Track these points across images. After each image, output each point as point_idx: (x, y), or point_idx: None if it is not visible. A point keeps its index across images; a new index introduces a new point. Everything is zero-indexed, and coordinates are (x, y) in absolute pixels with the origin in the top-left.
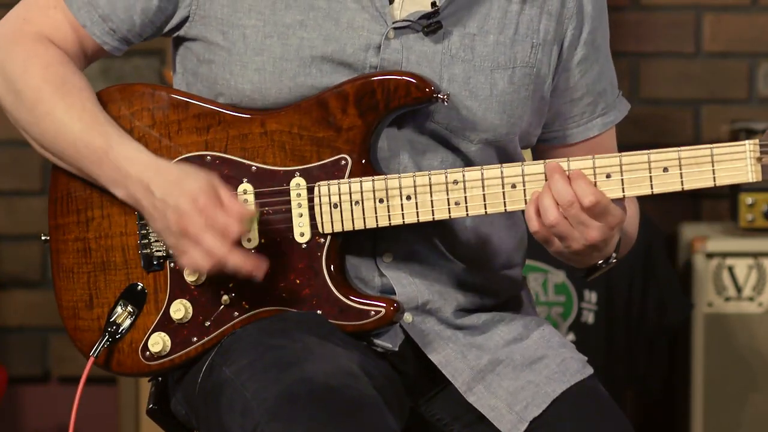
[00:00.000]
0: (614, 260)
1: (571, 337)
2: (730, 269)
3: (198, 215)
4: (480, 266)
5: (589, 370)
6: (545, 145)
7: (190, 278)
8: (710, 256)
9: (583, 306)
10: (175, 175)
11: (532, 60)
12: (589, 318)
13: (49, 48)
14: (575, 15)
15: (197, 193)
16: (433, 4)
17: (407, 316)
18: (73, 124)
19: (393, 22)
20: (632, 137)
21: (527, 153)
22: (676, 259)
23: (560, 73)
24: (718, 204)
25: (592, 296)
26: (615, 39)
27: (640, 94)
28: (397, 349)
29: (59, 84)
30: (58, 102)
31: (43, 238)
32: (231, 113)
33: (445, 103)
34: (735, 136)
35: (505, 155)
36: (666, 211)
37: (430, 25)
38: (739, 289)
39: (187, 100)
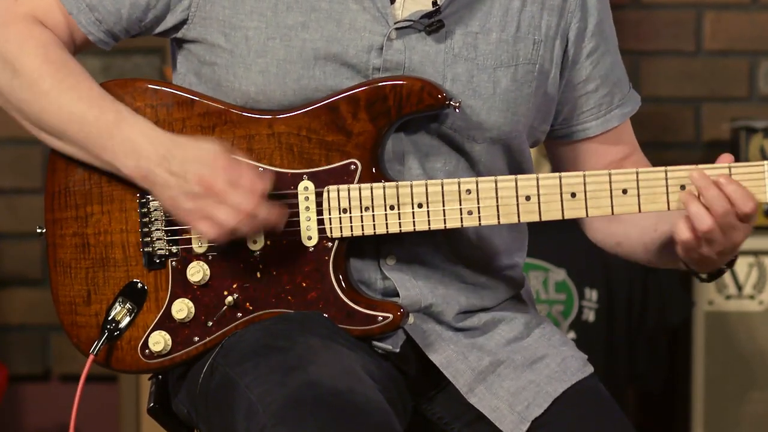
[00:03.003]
0: (734, 263)
1: (572, 335)
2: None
3: (221, 172)
4: (483, 268)
5: (590, 369)
6: (564, 140)
7: (194, 278)
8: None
9: (584, 304)
10: (192, 143)
11: (534, 57)
12: (590, 316)
13: (44, 30)
14: (578, 8)
15: (216, 156)
16: (434, 3)
17: (410, 318)
18: (81, 101)
19: (395, 23)
20: None
21: (534, 149)
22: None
23: (570, 68)
24: None
25: (592, 294)
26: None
27: (641, 93)
28: (398, 350)
29: (60, 64)
30: (63, 80)
31: (38, 230)
32: (237, 113)
33: (457, 111)
34: (735, 135)
35: (510, 153)
36: None
37: (432, 24)
38: (739, 288)
39: (192, 97)
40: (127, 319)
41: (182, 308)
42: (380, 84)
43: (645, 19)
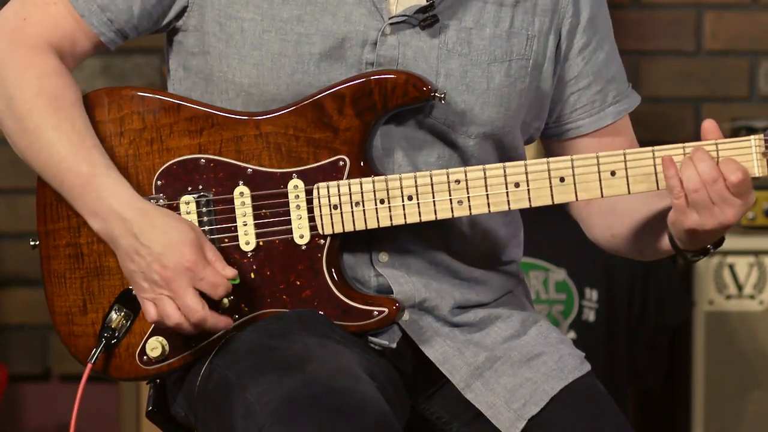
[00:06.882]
0: (722, 243)
1: (572, 335)
2: (731, 267)
3: (185, 271)
4: (477, 263)
5: (587, 367)
6: (557, 138)
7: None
8: (711, 254)
9: (584, 304)
10: (161, 222)
11: (527, 52)
12: (590, 316)
13: (48, 57)
14: (571, 3)
15: (184, 247)
16: None
17: (405, 314)
18: (60, 144)
19: (389, 18)
20: None
21: (529, 147)
22: (677, 256)
23: (562, 63)
24: None
25: (593, 294)
26: (616, 37)
27: (641, 92)
28: (394, 346)
29: (52, 98)
30: (49, 118)
31: (32, 243)
32: (224, 115)
33: (442, 102)
34: (736, 134)
35: (502, 149)
36: None
37: (426, 19)
38: (739, 287)
39: (179, 102)
40: (124, 327)
41: None
42: (365, 79)
43: (645, 19)
